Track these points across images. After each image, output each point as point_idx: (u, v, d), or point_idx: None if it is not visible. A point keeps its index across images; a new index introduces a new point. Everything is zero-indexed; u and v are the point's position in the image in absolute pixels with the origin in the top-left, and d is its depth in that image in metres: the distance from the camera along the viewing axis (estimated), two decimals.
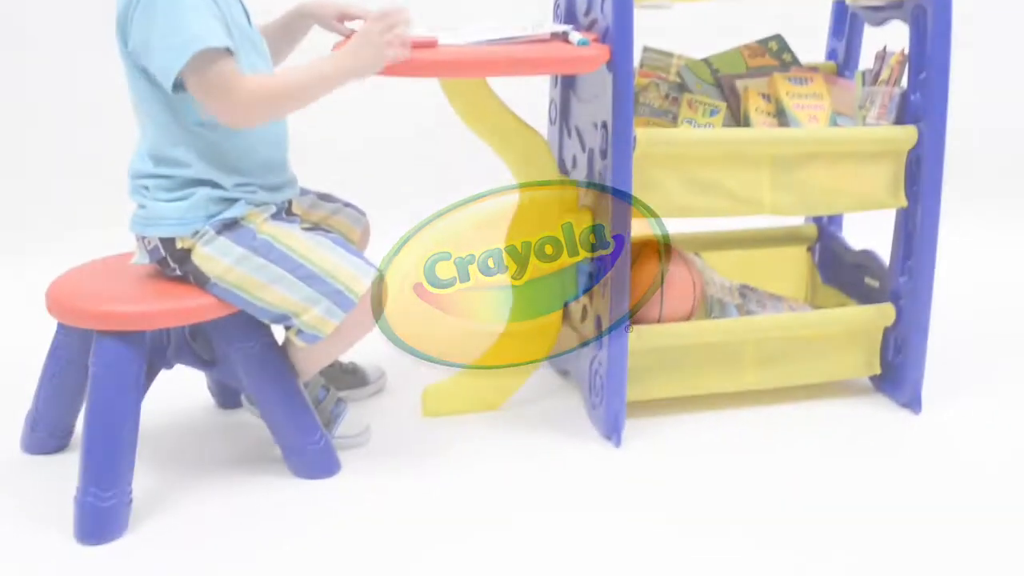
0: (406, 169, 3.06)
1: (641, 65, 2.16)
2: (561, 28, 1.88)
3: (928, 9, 1.92)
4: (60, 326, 1.83)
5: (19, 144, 2.97)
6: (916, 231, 2.01)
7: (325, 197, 2.00)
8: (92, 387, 1.68)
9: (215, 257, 1.71)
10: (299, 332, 1.75)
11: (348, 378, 2.12)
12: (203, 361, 1.82)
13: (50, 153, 2.98)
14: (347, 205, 2.02)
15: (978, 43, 2.90)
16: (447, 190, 3.03)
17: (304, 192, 1.94)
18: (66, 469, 1.81)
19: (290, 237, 1.74)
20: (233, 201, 1.72)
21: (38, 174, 2.97)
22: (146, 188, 1.72)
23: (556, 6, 2.10)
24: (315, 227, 1.89)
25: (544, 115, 2.20)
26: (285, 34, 1.91)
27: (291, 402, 1.79)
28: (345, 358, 2.10)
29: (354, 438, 1.92)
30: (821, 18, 2.37)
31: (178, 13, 1.58)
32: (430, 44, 1.77)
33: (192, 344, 1.82)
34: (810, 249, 2.40)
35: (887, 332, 2.09)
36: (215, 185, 1.71)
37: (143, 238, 1.75)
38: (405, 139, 3.06)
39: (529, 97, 2.17)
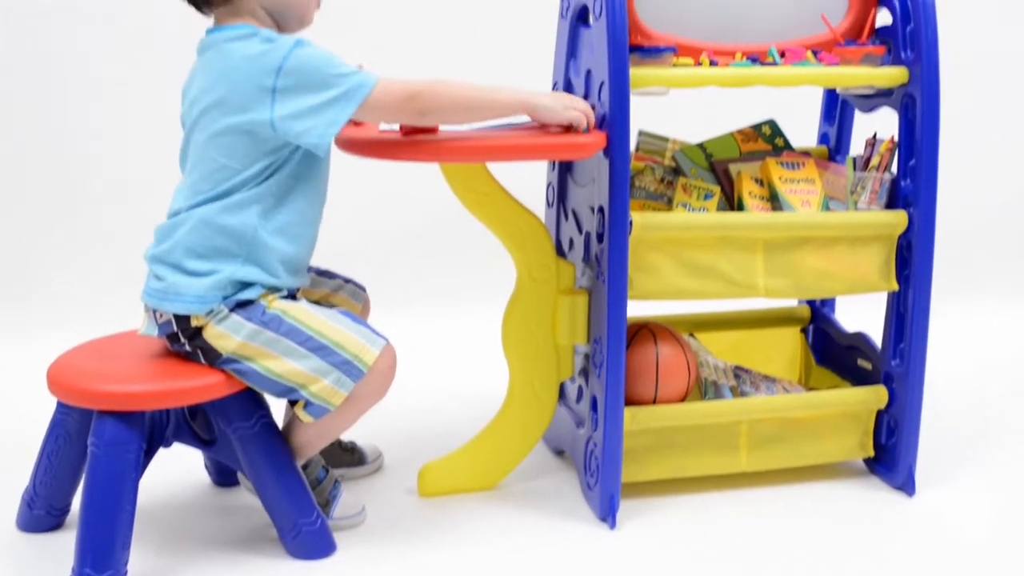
0: (407, 249, 3.10)
1: (637, 149, 2.20)
2: None
3: (917, 98, 1.97)
4: (60, 404, 1.84)
5: (22, 223, 3.01)
6: (908, 314, 2.04)
7: (325, 273, 2.03)
8: (91, 467, 1.69)
9: (228, 334, 1.73)
10: (307, 405, 1.76)
11: (346, 457, 2.12)
12: (202, 440, 1.83)
13: (52, 232, 3.01)
14: (347, 281, 2.05)
15: (967, 129, 2.97)
16: (447, 270, 3.09)
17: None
18: (62, 548, 1.81)
19: (298, 310, 1.77)
20: (250, 285, 1.75)
21: (39, 252, 3.00)
22: (172, 249, 1.74)
23: (555, 91, 2.15)
24: (317, 305, 1.92)
25: (542, 197, 2.24)
26: None
27: (288, 482, 1.80)
28: (345, 436, 2.11)
29: (351, 519, 1.92)
30: (813, 102, 2.43)
31: (323, 71, 1.67)
32: (431, 129, 1.80)
33: (191, 423, 1.83)
34: (803, 330, 2.42)
35: (880, 414, 2.11)
36: (248, 260, 1.73)
37: (155, 311, 1.77)
38: (406, 219, 3.10)
39: (527, 179, 2.21)
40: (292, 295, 1.84)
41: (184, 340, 1.76)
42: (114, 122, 3.04)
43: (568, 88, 2.08)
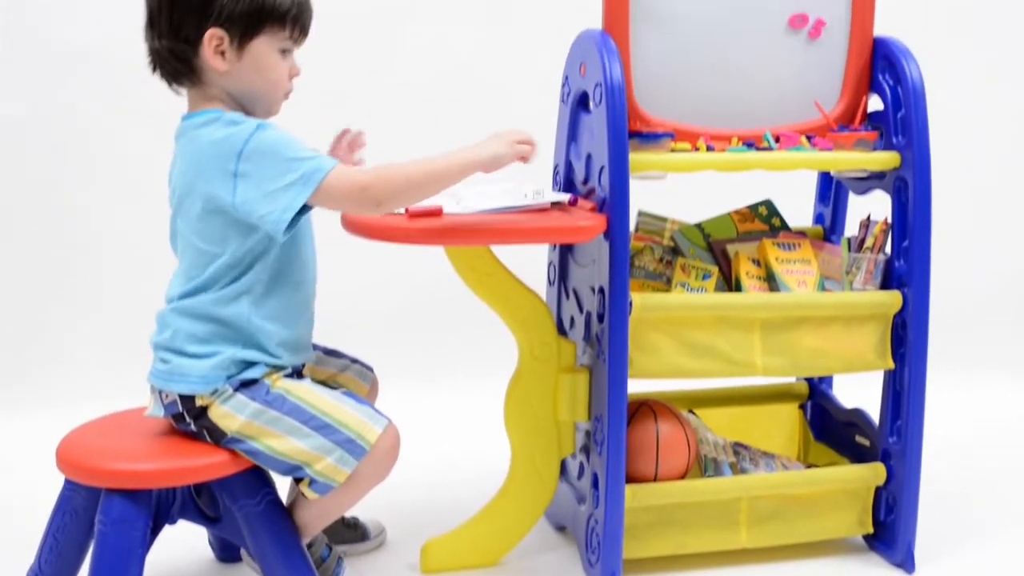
0: (410, 325, 3.13)
1: (636, 229, 2.25)
2: (560, 197, 1.97)
3: (909, 181, 2.02)
4: (67, 481, 1.86)
5: (29, 299, 3.05)
6: (904, 392, 2.07)
7: (332, 353, 2.06)
8: (98, 544, 1.71)
9: (232, 414, 1.76)
10: (312, 483, 1.79)
11: (349, 533, 2.14)
12: (207, 518, 1.85)
13: (59, 309, 3.05)
14: (354, 361, 2.08)
15: (958, 210, 3.03)
16: (449, 344, 3.13)
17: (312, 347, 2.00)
18: None
19: (301, 389, 1.80)
20: (253, 364, 1.79)
21: (47, 329, 3.04)
22: (173, 336, 1.78)
23: (555, 174, 2.21)
24: (323, 384, 1.95)
25: (543, 275, 2.29)
26: None
27: (292, 560, 1.81)
28: (348, 512, 2.12)
29: None
30: (809, 182, 2.48)
31: (282, 155, 1.68)
32: (435, 213, 1.85)
33: (197, 500, 1.85)
34: (802, 407, 2.45)
35: (879, 491, 2.13)
36: (247, 344, 1.77)
37: (161, 392, 1.80)
38: (408, 295, 3.14)
39: (528, 257, 2.25)
40: (297, 372, 1.88)
41: (190, 420, 1.79)
42: (119, 195, 3.09)
43: (569, 171, 2.14)
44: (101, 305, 3.06)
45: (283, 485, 1.91)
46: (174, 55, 1.74)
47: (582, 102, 2.07)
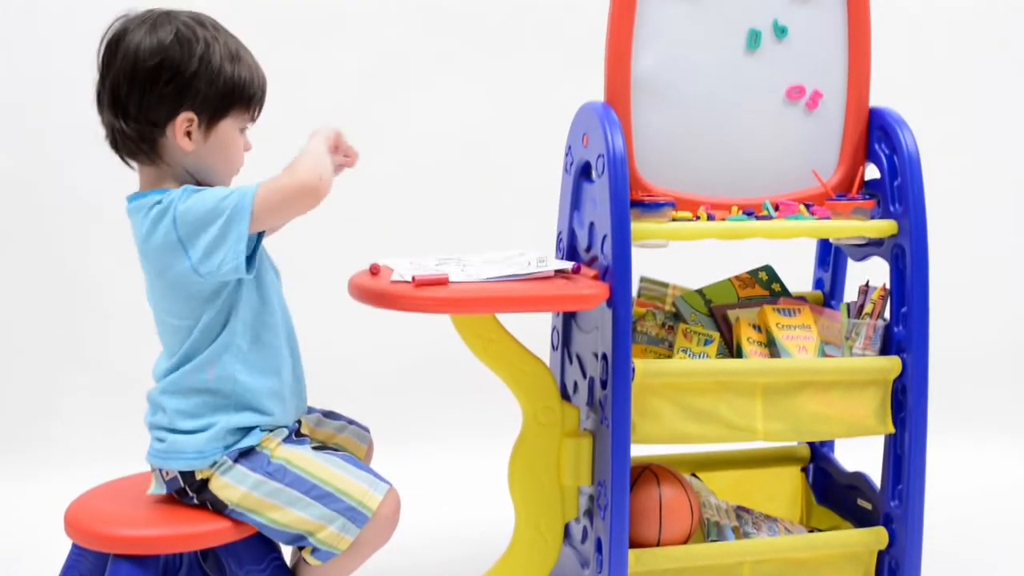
0: (417, 391, 3.16)
1: (638, 294, 2.28)
2: (563, 265, 2.00)
3: (906, 248, 2.06)
4: (75, 546, 1.88)
5: (36, 362, 3.07)
6: (905, 456, 2.09)
7: (330, 415, 2.07)
8: None
9: (232, 485, 1.78)
10: (314, 550, 1.80)
11: None
12: None
13: (67, 374, 3.08)
14: (351, 422, 2.09)
15: (955, 275, 3.07)
16: (451, 407, 3.14)
17: (310, 410, 2.02)
18: None
19: (302, 459, 1.82)
20: (249, 430, 1.81)
21: (55, 394, 3.06)
22: (165, 416, 1.80)
23: (559, 241, 2.24)
24: (323, 445, 1.97)
25: (547, 340, 2.31)
26: None
27: None
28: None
29: None
30: (808, 247, 2.51)
31: (207, 204, 1.69)
32: (441, 281, 1.88)
33: (203, 565, 1.86)
34: (804, 470, 2.46)
35: (881, 555, 2.14)
36: (238, 407, 1.79)
37: (161, 470, 1.82)
38: (415, 363, 3.16)
39: (532, 321, 2.28)
40: (296, 431, 1.89)
41: (192, 494, 1.80)
42: (123, 260, 3.11)
43: (572, 239, 2.17)
44: (105, 370, 3.08)
45: (288, 547, 1.92)
46: (140, 135, 1.75)
47: (585, 172, 2.11)
